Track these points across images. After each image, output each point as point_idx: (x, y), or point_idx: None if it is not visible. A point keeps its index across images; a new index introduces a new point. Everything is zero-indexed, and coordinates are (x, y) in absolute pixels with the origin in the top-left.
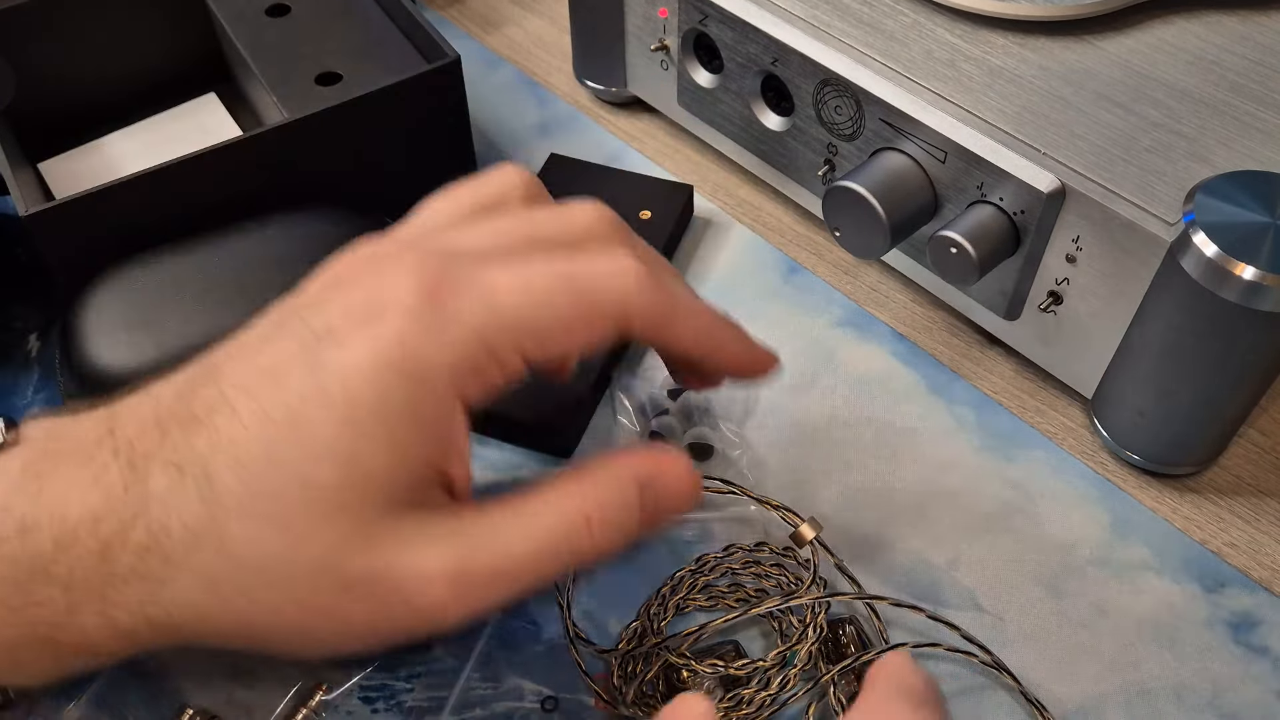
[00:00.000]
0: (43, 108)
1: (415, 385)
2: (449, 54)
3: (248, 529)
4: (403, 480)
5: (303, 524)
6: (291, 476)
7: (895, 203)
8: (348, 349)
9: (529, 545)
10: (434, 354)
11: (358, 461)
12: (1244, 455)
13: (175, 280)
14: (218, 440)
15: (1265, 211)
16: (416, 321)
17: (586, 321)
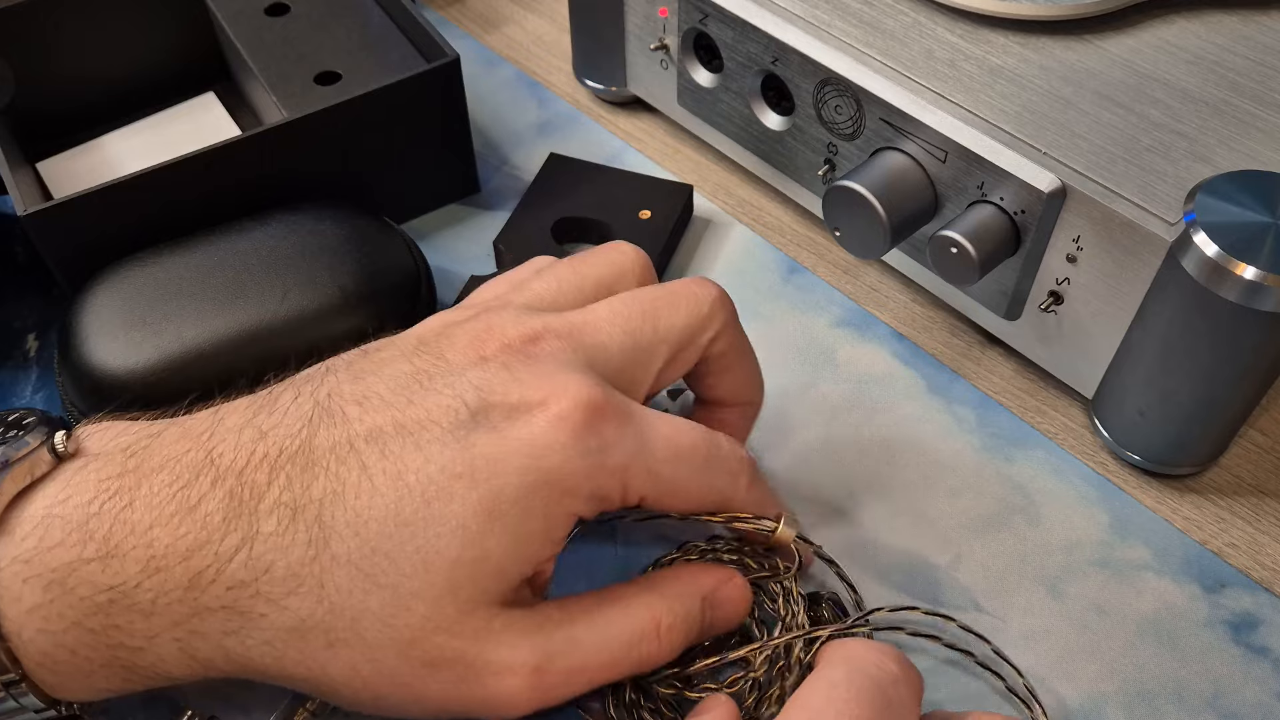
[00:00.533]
0: (41, 107)
1: (556, 498)
2: (448, 53)
3: (352, 581)
4: (515, 576)
5: (409, 590)
6: (412, 543)
7: (895, 202)
8: (505, 441)
9: (604, 651)
10: (582, 480)
11: (483, 549)
12: (1245, 455)
13: (174, 280)
14: (340, 491)
15: (1266, 211)
16: (576, 442)
17: (701, 496)
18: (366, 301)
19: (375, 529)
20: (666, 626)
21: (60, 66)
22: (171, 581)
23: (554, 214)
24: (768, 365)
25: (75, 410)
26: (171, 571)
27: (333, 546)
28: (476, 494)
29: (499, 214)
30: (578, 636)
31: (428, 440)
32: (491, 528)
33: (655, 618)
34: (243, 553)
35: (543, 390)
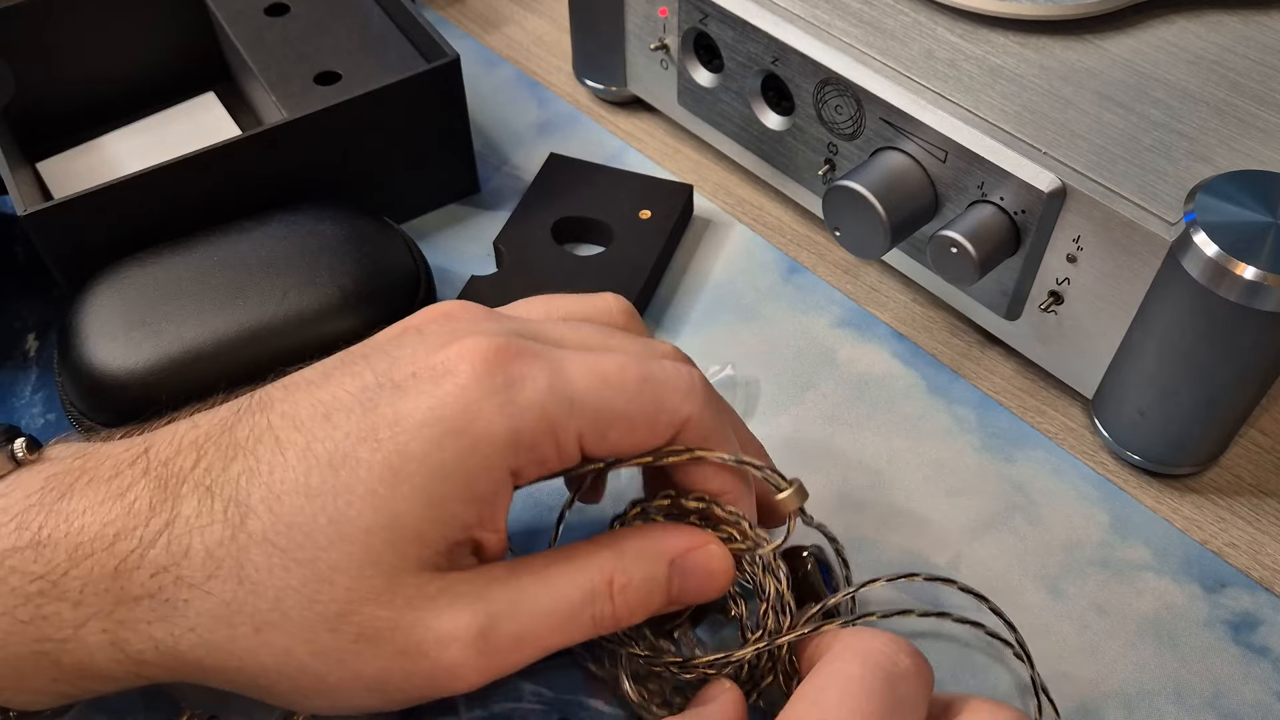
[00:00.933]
0: (41, 107)
1: (467, 448)
2: (448, 53)
3: (270, 559)
4: (437, 540)
5: (327, 563)
6: (324, 513)
7: (895, 202)
8: (406, 399)
9: (553, 613)
10: (492, 421)
11: (395, 511)
12: (1245, 455)
13: (174, 280)
14: (255, 468)
15: (1266, 211)
16: (480, 386)
17: (650, 421)
18: (366, 301)
19: (288, 503)
20: (620, 586)
21: (60, 66)
22: (98, 569)
23: (554, 214)
24: (768, 365)
25: (75, 410)
26: (98, 558)
27: (249, 525)
28: (381, 455)
29: (499, 214)
30: (524, 597)
31: (336, 409)
32: (399, 489)
33: (608, 576)
34: (164, 536)
35: (450, 350)
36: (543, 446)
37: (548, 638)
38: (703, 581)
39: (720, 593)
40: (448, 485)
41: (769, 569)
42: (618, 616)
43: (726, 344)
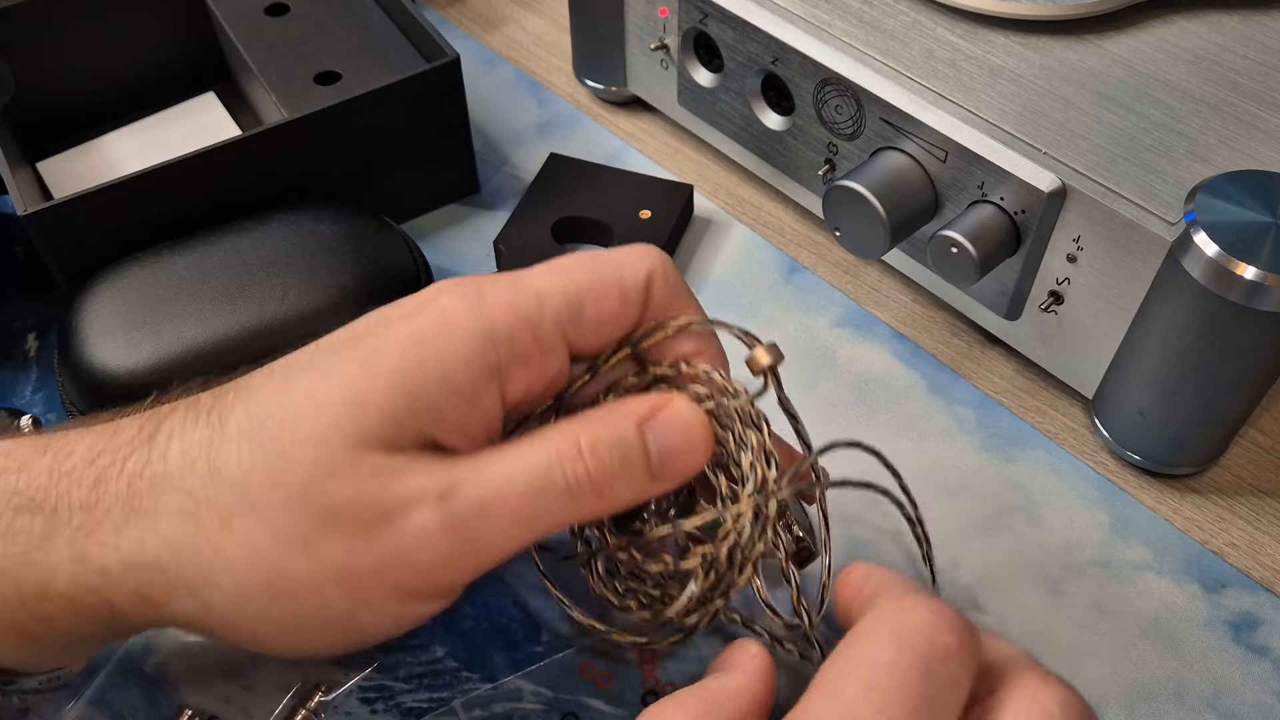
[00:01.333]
0: (41, 107)
1: (444, 344)
2: (448, 53)
3: (240, 450)
4: (411, 427)
5: (292, 440)
6: (294, 396)
7: (896, 202)
8: (392, 327)
9: (519, 476)
10: (466, 321)
11: (367, 391)
12: (1245, 455)
13: (174, 279)
14: (248, 386)
15: (1266, 211)
16: (456, 303)
17: (617, 284)
18: (366, 301)
19: (265, 398)
20: (589, 445)
21: (60, 66)
22: (76, 484)
23: (554, 214)
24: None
25: (75, 410)
26: (78, 474)
27: (227, 426)
28: (361, 349)
29: (499, 214)
30: (488, 464)
31: (328, 342)
32: (375, 373)
33: (574, 439)
34: (145, 447)
35: (430, 290)
36: (520, 340)
37: (517, 503)
38: (678, 437)
39: (702, 454)
40: (424, 373)
41: (750, 422)
42: (593, 477)
43: (726, 344)
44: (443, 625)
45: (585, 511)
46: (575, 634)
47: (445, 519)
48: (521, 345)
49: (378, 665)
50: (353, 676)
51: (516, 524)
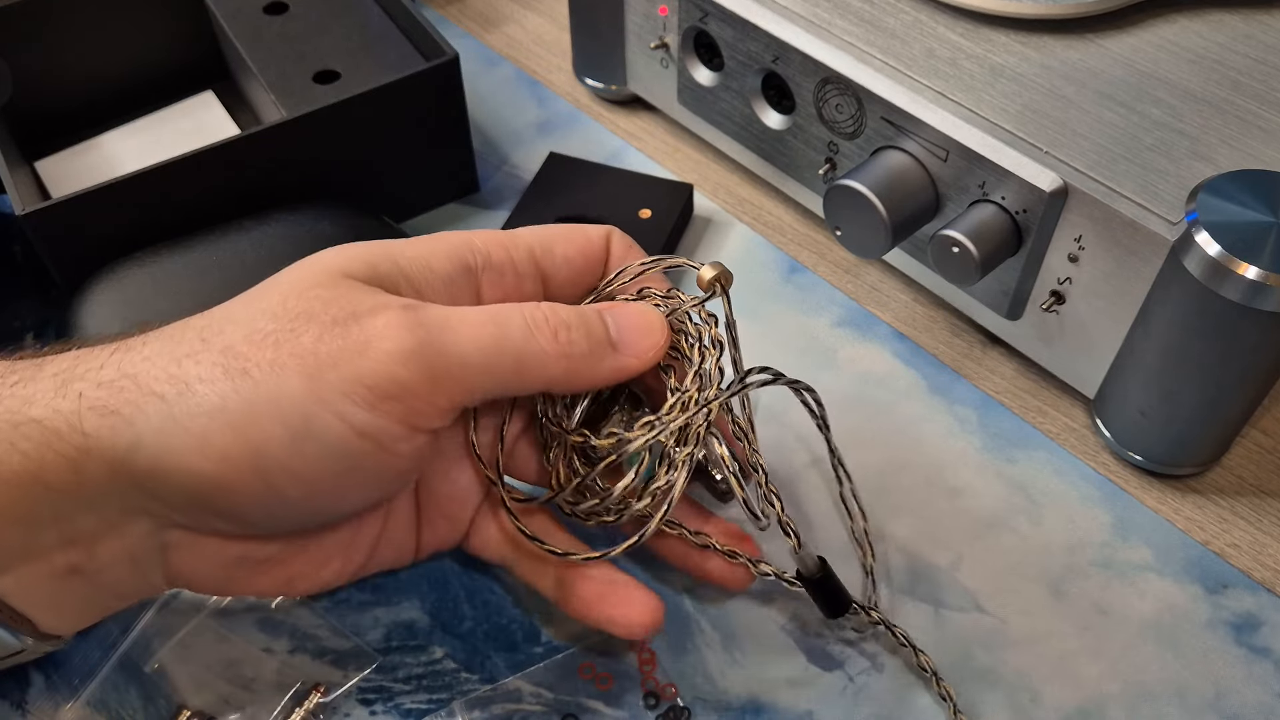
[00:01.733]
0: (40, 106)
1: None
2: (448, 52)
3: (230, 304)
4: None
5: (275, 278)
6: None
7: (896, 202)
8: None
9: (484, 312)
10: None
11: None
12: (1247, 456)
13: (173, 279)
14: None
15: (1268, 211)
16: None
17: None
18: None
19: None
20: (551, 307)
21: (59, 65)
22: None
23: (554, 213)
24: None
25: None
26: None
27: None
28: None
29: (499, 213)
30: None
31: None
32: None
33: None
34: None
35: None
36: (497, 254)
37: (479, 328)
38: (635, 317)
39: (660, 334)
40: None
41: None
42: (551, 323)
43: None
44: (442, 626)
45: (546, 361)
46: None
47: (410, 319)
48: (498, 257)
49: (377, 666)
50: (352, 677)
51: (478, 348)
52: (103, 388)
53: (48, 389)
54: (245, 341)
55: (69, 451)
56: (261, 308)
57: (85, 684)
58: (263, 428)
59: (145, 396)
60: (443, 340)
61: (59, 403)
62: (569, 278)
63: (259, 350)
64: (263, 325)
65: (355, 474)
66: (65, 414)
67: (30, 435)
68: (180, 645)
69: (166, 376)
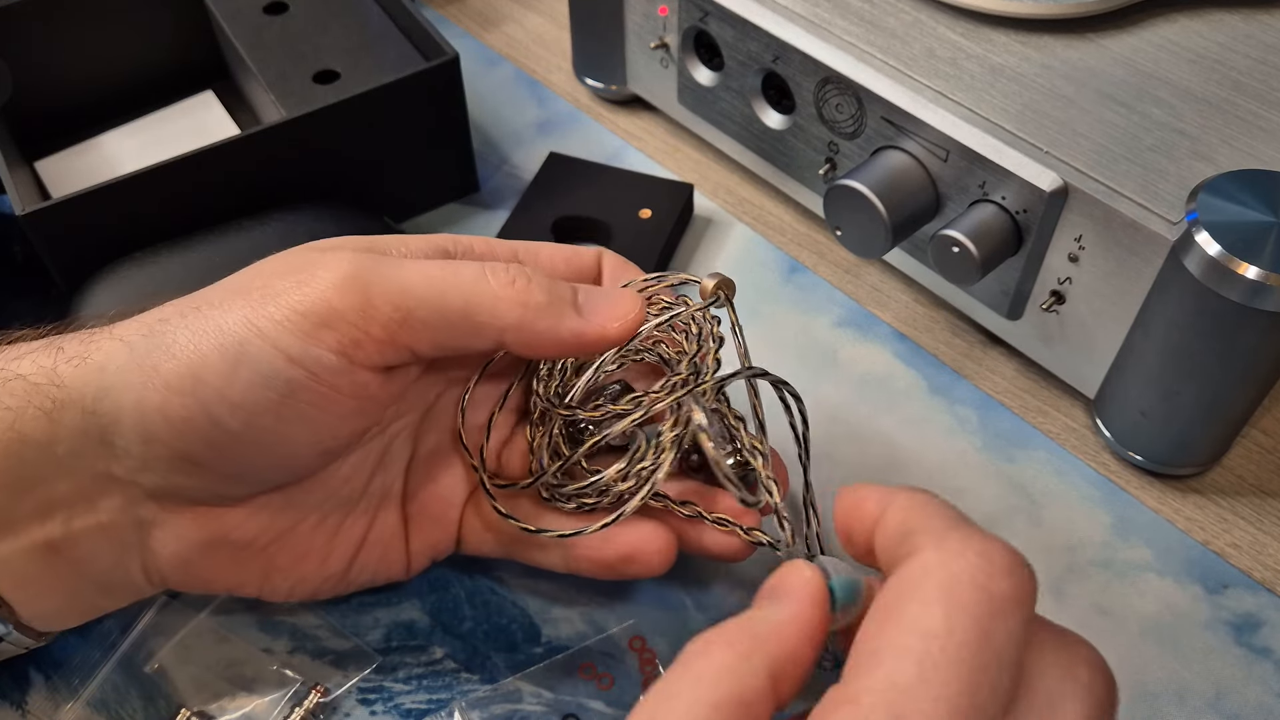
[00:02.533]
0: (40, 105)
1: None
2: (447, 52)
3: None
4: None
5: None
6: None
7: (897, 201)
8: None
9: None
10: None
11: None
12: (1247, 456)
13: (173, 279)
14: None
15: (1269, 211)
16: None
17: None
18: None
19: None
20: (519, 269)
21: (59, 65)
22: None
23: (554, 213)
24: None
25: None
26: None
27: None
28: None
29: (498, 213)
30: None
31: None
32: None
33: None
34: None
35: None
36: (476, 247)
37: (430, 263)
38: (610, 293)
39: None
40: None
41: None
42: (516, 283)
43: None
44: (442, 626)
45: (499, 306)
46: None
47: (358, 253)
48: (479, 250)
49: (377, 666)
50: (352, 677)
51: (424, 277)
52: (82, 343)
53: (36, 347)
54: (211, 290)
55: (45, 404)
56: (236, 278)
57: (85, 684)
58: (203, 354)
59: (115, 343)
60: (385, 269)
61: (42, 359)
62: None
63: (217, 293)
64: (229, 282)
65: (292, 405)
66: (46, 369)
67: (15, 391)
68: (180, 645)
69: (138, 325)
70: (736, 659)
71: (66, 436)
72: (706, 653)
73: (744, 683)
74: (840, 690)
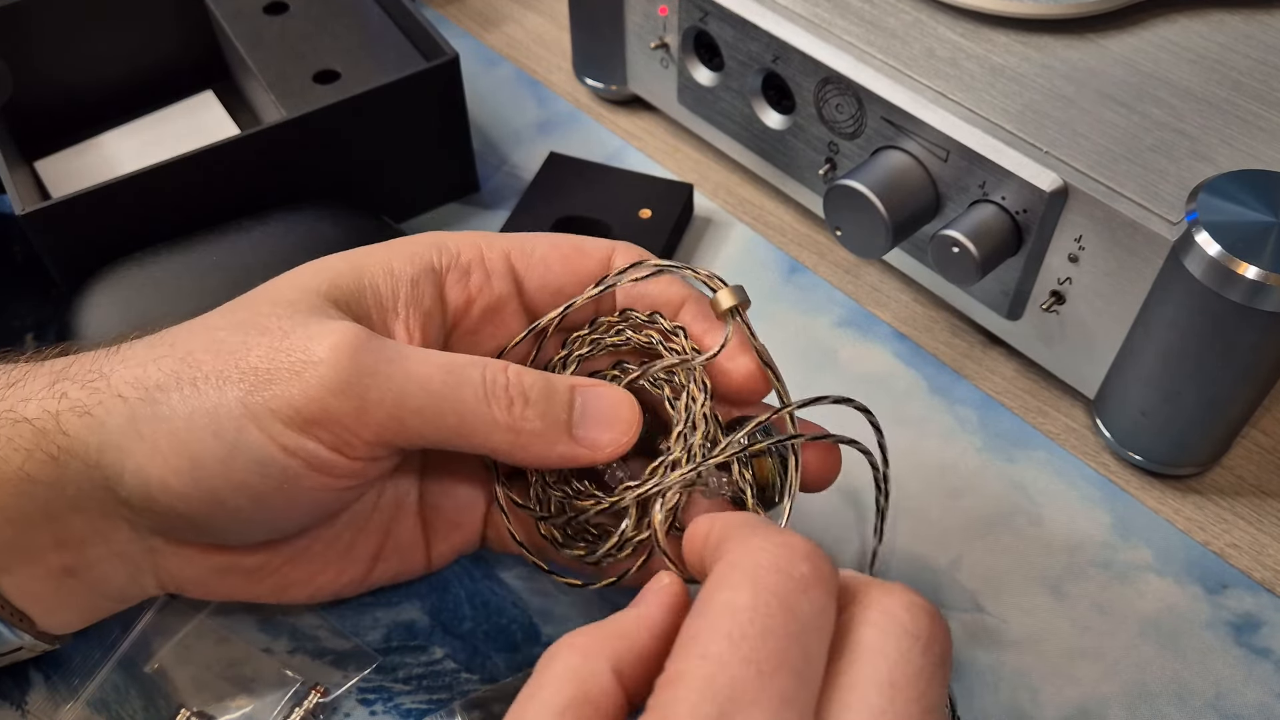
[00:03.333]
0: (40, 105)
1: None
2: (447, 52)
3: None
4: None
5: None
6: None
7: (897, 202)
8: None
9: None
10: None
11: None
12: (1247, 456)
13: (172, 279)
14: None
15: (1269, 211)
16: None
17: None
18: None
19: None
20: (519, 370)
21: (58, 65)
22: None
23: (554, 213)
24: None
25: None
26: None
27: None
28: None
29: (498, 213)
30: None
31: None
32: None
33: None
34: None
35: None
36: (466, 253)
37: (430, 370)
38: (606, 405)
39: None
40: (369, 257)
41: (698, 385)
42: (510, 390)
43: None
44: (442, 627)
45: (493, 430)
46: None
47: (355, 347)
48: (467, 256)
49: (377, 666)
50: (351, 678)
51: (424, 390)
52: (84, 388)
53: (41, 389)
54: (204, 349)
55: (53, 450)
56: (230, 319)
57: (85, 684)
58: (200, 439)
59: (113, 398)
60: (383, 370)
61: (48, 403)
62: (543, 281)
63: (212, 359)
64: (224, 336)
65: (291, 489)
66: (52, 414)
67: (24, 434)
68: (180, 645)
69: (133, 380)
70: (580, 660)
71: (73, 480)
72: (554, 657)
73: (588, 683)
74: (663, 676)
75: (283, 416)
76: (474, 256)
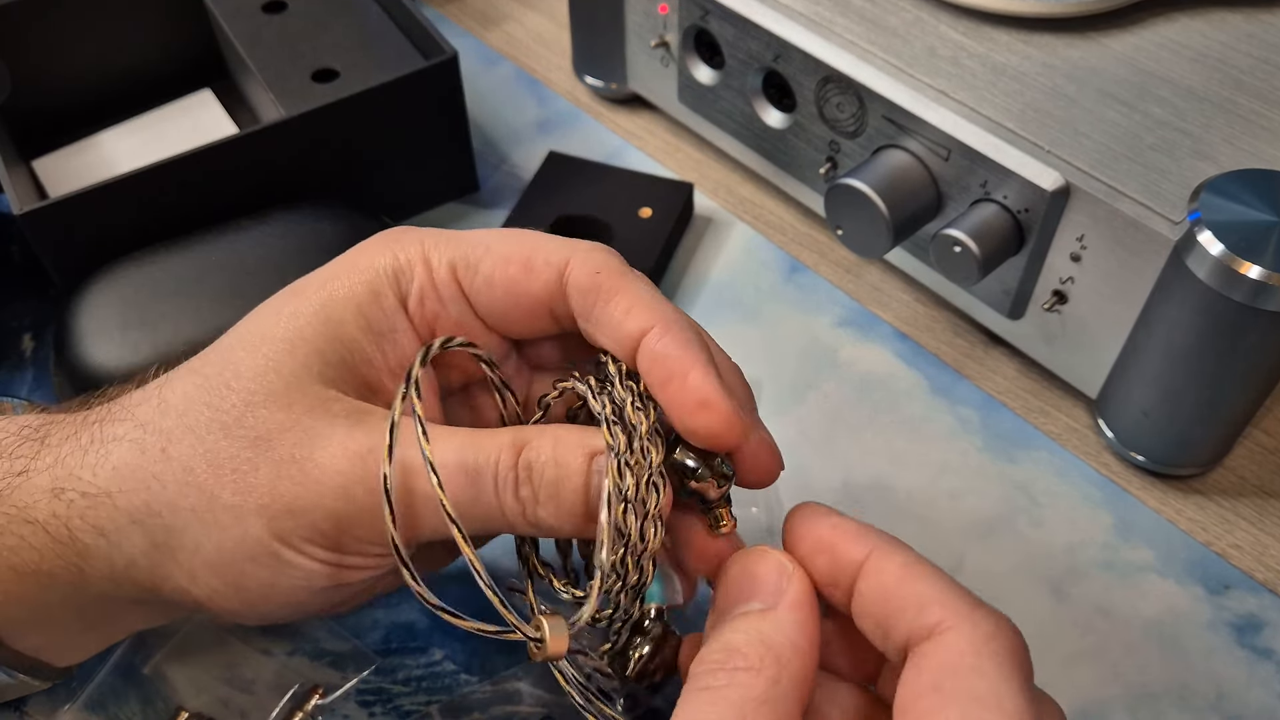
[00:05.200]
0: (37, 104)
1: (357, 277)
2: (447, 50)
3: (185, 382)
4: (335, 360)
5: (232, 369)
6: (236, 334)
7: (898, 201)
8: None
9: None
10: (378, 255)
11: (296, 324)
12: (1249, 456)
13: (171, 279)
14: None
15: (1271, 210)
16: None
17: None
18: None
19: (217, 345)
20: (532, 458)
21: (57, 64)
22: (68, 418)
23: (553, 212)
24: (769, 365)
25: None
26: (70, 411)
27: (181, 367)
28: (290, 290)
29: (498, 212)
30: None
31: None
32: (301, 308)
33: (519, 444)
34: (118, 394)
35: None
36: (420, 278)
37: (462, 497)
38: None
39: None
40: (342, 309)
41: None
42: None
43: (727, 344)
44: (441, 628)
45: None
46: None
47: (367, 463)
48: (421, 281)
49: (376, 668)
50: (351, 679)
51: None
52: (86, 498)
53: (44, 486)
54: (205, 464)
55: (71, 558)
56: (219, 422)
57: (83, 686)
58: (240, 569)
59: (128, 524)
60: (406, 489)
61: (55, 506)
62: (489, 306)
63: (219, 482)
64: (223, 447)
65: (333, 588)
66: (63, 519)
67: (38, 535)
68: (179, 647)
69: (141, 505)
70: (767, 685)
71: (97, 582)
72: (733, 681)
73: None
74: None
75: (316, 539)
76: (424, 283)
